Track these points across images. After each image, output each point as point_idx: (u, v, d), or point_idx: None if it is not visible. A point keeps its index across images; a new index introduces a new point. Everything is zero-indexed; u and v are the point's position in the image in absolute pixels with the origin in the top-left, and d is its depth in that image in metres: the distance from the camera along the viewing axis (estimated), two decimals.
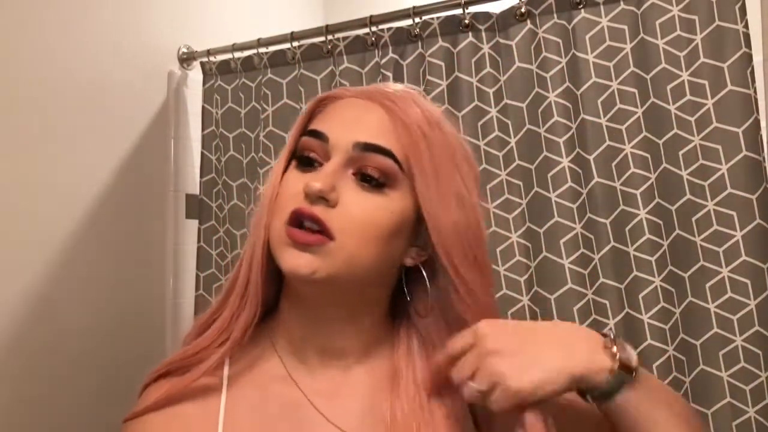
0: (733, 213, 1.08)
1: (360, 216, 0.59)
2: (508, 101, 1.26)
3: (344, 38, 1.42)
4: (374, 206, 0.60)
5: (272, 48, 1.52)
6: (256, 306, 0.63)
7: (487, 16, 1.28)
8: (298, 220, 0.58)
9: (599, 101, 1.18)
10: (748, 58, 1.09)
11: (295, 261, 0.58)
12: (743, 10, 1.09)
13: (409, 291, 0.67)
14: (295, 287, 0.64)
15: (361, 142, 0.60)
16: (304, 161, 0.63)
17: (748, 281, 1.07)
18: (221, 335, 0.64)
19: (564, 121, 1.20)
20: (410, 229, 0.63)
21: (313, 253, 0.58)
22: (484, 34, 1.28)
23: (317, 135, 0.62)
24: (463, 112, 1.27)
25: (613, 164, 1.17)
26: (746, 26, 1.09)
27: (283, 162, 0.65)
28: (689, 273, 1.12)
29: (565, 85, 1.20)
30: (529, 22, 1.24)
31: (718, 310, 1.09)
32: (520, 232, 1.24)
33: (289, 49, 1.49)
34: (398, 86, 0.67)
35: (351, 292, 0.63)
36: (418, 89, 0.67)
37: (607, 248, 1.16)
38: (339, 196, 0.59)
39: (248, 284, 0.64)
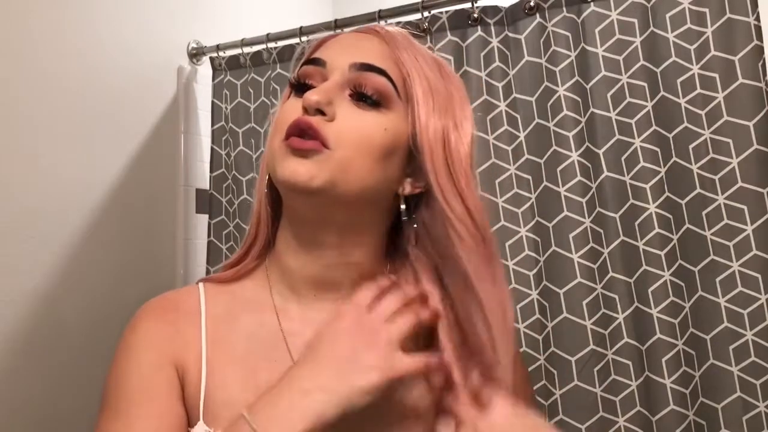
0: (744, 207, 1.07)
1: (355, 129, 0.60)
2: (517, 95, 1.26)
3: None
4: (369, 122, 0.61)
5: (281, 43, 1.53)
6: (259, 232, 0.68)
7: (496, 9, 1.28)
8: (296, 130, 0.60)
9: (609, 95, 1.17)
10: (760, 50, 1.08)
11: (292, 168, 0.59)
12: (755, 2, 1.08)
13: (408, 224, 0.66)
14: (290, 208, 0.65)
15: (357, 62, 0.62)
16: (300, 88, 0.64)
17: (758, 275, 1.06)
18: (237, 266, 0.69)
19: (573, 115, 1.20)
20: (403, 155, 0.63)
21: (311, 160, 0.59)
22: (493, 27, 1.28)
23: (314, 61, 0.64)
24: (472, 106, 1.26)
25: (623, 158, 1.16)
26: (758, 18, 1.08)
27: (284, 98, 0.67)
28: (699, 267, 1.11)
29: (574, 79, 1.20)
30: (538, 15, 1.23)
31: (728, 305, 1.09)
32: (529, 226, 1.24)
33: (298, 43, 1.49)
34: (395, 27, 0.70)
35: (345, 210, 0.63)
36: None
37: (617, 242, 1.15)
38: (335, 112, 0.60)
39: (259, 214, 0.68)
